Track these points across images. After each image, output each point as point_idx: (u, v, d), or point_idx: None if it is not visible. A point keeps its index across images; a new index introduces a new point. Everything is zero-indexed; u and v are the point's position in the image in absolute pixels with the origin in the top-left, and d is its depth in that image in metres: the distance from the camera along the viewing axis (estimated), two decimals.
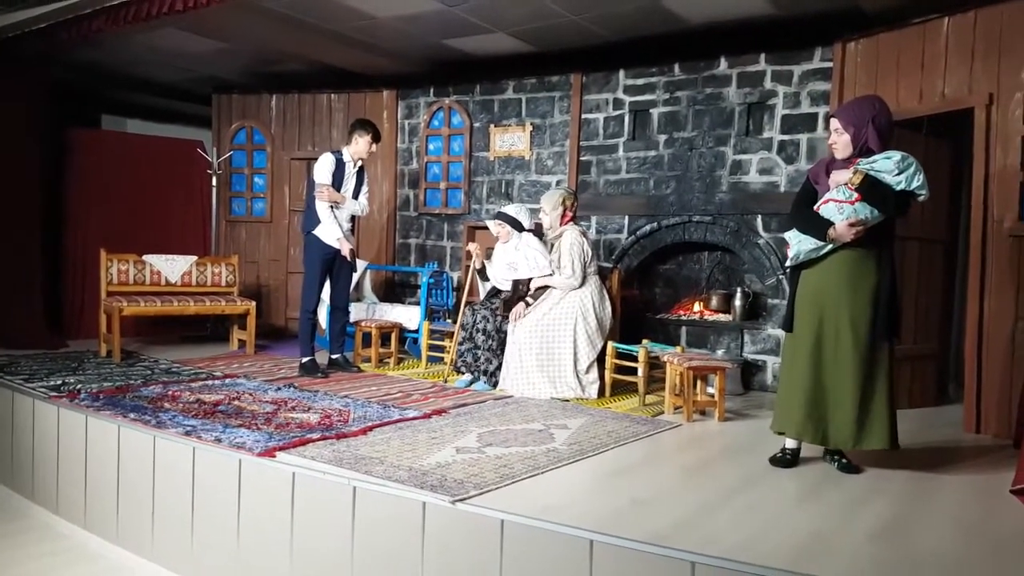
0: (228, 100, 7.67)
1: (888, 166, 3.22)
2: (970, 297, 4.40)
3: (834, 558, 2.41)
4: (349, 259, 5.44)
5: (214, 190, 7.48)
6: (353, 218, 5.60)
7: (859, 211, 3.21)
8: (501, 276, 5.38)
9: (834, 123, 3.36)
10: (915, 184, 3.23)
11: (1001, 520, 2.84)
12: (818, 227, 3.29)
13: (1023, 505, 2.88)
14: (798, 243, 3.38)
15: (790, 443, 3.49)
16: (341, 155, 5.40)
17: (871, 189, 3.21)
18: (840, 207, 3.24)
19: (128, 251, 6.28)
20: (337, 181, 5.35)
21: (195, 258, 6.55)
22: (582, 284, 5.01)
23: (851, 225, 3.21)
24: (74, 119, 7.54)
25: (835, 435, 3.34)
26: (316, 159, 5.48)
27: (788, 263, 3.49)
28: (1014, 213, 4.18)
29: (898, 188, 3.22)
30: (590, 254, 5.08)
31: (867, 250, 3.29)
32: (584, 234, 5.13)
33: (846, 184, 3.25)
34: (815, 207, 3.36)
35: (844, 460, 3.44)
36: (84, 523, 3.86)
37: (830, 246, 3.29)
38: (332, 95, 7.46)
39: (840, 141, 3.33)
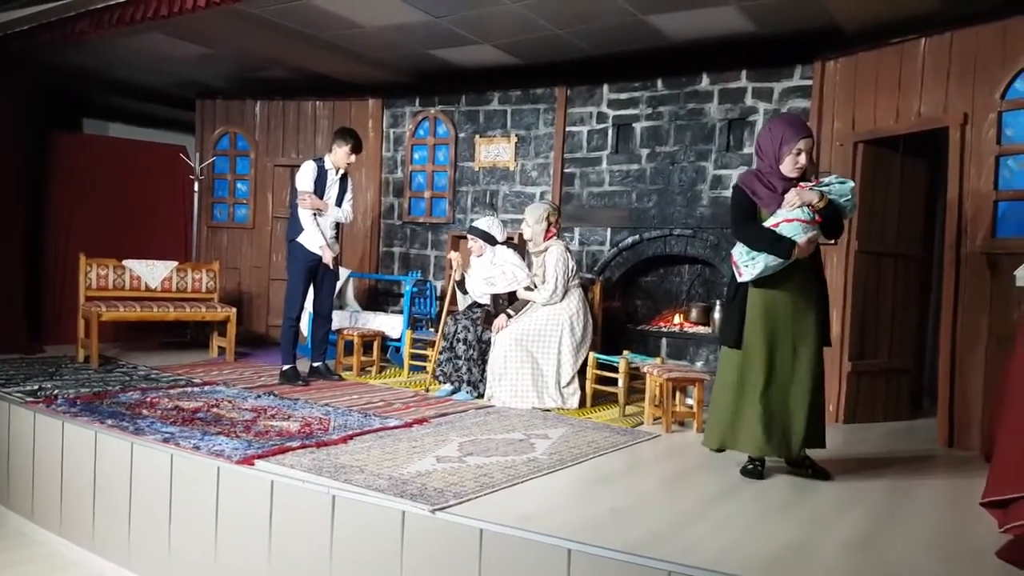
0: (212, 105, 7.65)
1: (844, 191, 3.38)
2: (944, 313, 4.48)
3: (809, 568, 2.44)
4: (332, 267, 5.43)
5: (196, 196, 7.46)
6: (338, 225, 5.59)
7: (819, 230, 3.35)
8: (479, 290, 5.40)
9: (807, 144, 3.36)
10: (853, 211, 3.49)
11: (972, 531, 2.89)
12: (785, 244, 3.29)
13: (992, 517, 2.93)
14: (753, 259, 3.33)
15: (757, 454, 3.53)
16: (323, 162, 5.40)
17: (832, 212, 3.35)
18: (805, 227, 3.30)
19: (108, 256, 6.24)
20: (319, 188, 5.35)
21: (175, 264, 6.52)
22: (562, 299, 5.05)
23: (810, 243, 3.31)
24: (56, 122, 7.49)
25: (788, 444, 3.41)
26: (300, 166, 5.48)
27: (747, 278, 3.36)
28: (987, 231, 4.27)
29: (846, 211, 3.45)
30: (574, 269, 5.12)
31: (810, 263, 3.40)
32: (568, 249, 5.17)
33: (808, 205, 3.31)
34: (772, 224, 3.34)
35: (815, 467, 3.50)
36: (60, 530, 3.82)
37: (788, 262, 3.33)
38: (317, 102, 7.47)
39: (805, 162, 3.38)
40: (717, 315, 5.81)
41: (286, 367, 5.36)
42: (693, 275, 6.31)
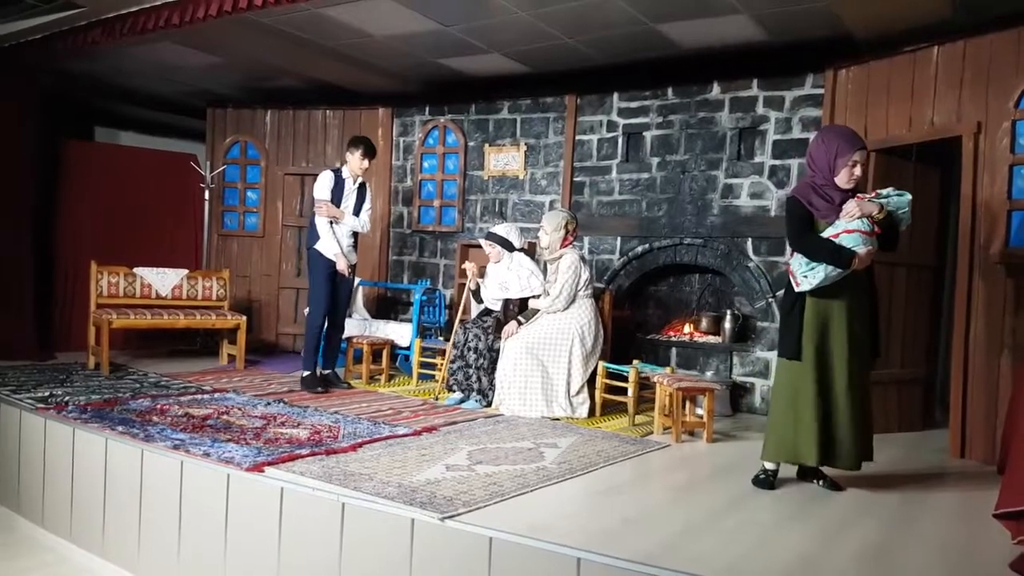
0: (223, 114, 7.69)
1: (902, 204, 3.36)
2: (956, 323, 4.44)
3: None
4: (347, 275, 5.44)
5: (207, 204, 7.48)
6: (355, 234, 5.60)
7: (876, 243, 3.33)
8: (494, 296, 5.39)
9: (864, 155, 3.38)
10: (907, 223, 3.40)
11: (985, 544, 2.86)
12: (843, 255, 3.27)
13: (1006, 529, 2.89)
14: (813, 270, 3.31)
15: (770, 464, 3.52)
16: (340, 172, 5.42)
17: (890, 224, 3.34)
18: (865, 238, 3.30)
19: (119, 263, 6.26)
20: (336, 197, 5.37)
21: (186, 271, 6.54)
22: (566, 308, 5.02)
23: (869, 254, 3.30)
24: (68, 131, 7.54)
25: (846, 457, 3.37)
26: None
27: (806, 288, 3.33)
28: (1001, 240, 4.24)
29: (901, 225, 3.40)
30: (585, 278, 5.09)
31: (865, 275, 3.40)
32: (583, 259, 5.15)
33: (868, 217, 3.30)
34: (832, 235, 3.33)
35: (828, 479, 3.48)
36: (70, 536, 3.82)
37: (846, 272, 3.31)
38: (327, 111, 7.50)
39: (860, 173, 3.39)
40: (727, 325, 5.78)
41: (306, 373, 5.37)
42: (703, 284, 6.29)
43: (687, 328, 6.10)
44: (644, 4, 4.63)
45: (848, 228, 3.31)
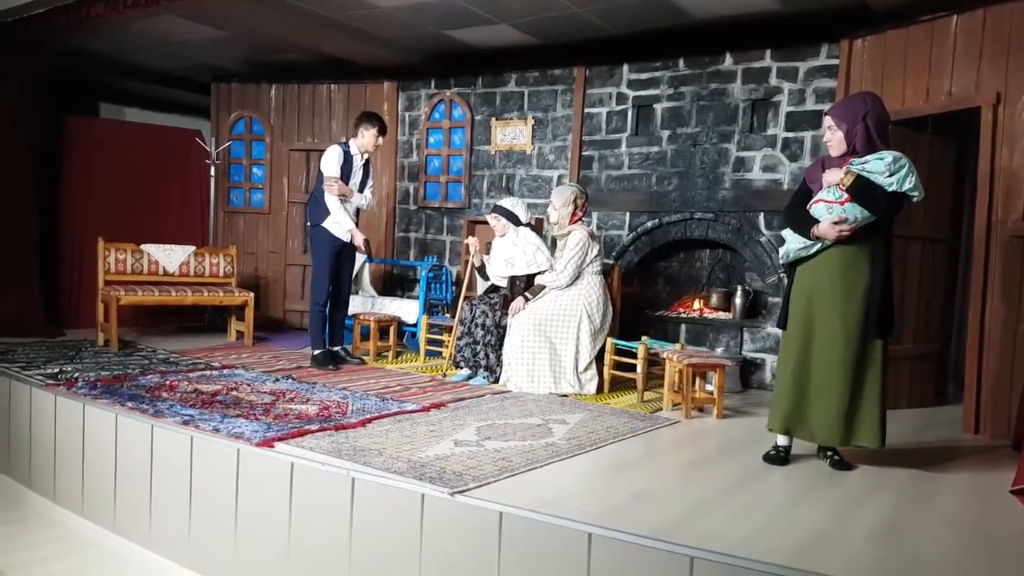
0: (227, 89, 7.63)
1: (879, 167, 3.21)
2: (972, 297, 4.39)
3: (833, 556, 2.39)
4: (363, 249, 5.39)
5: (212, 180, 7.45)
6: (358, 211, 5.55)
7: (848, 211, 3.21)
8: (499, 273, 5.34)
9: (827, 120, 3.38)
10: (907, 186, 3.21)
11: (1001, 521, 2.83)
12: (806, 226, 3.32)
13: (1022, 504, 2.87)
14: (788, 241, 3.44)
15: (782, 440, 3.49)
16: (348, 148, 5.35)
17: (861, 190, 3.20)
18: (829, 207, 3.25)
19: (126, 240, 6.25)
20: (344, 174, 5.29)
21: (193, 248, 6.52)
22: (569, 284, 4.97)
23: (835, 224, 3.22)
24: (72, 107, 7.50)
25: (822, 431, 3.34)
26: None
27: (780, 259, 3.57)
28: (1018, 213, 4.17)
29: (890, 189, 3.21)
30: (594, 254, 5.01)
31: (860, 248, 3.28)
32: (593, 235, 5.06)
33: (837, 184, 3.25)
34: (808, 206, 3.36)
35: (836, 457, 3.45)
36: (81, 511, 3.84)
37: (819, 245, 3.30)
38: (332, 86, 7.42)
39: (834, 139, 3.34)
40: (738, 300, 5.73)
41: (317, 352, 5.36)
42: (714, 260, 6.23)
43: (697, 304, 6.05)
44: None
45: (817, 199, 3.33)
